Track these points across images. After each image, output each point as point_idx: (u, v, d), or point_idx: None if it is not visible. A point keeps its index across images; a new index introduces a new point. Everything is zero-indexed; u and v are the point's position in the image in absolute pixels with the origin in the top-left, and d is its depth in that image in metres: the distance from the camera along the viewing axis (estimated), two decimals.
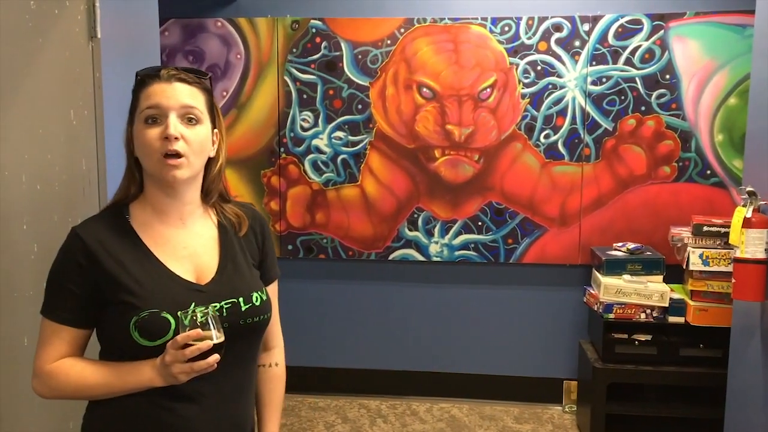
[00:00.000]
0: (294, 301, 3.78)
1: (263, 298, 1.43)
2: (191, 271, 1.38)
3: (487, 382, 3.73)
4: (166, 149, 1.31)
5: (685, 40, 3.35)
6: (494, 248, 3.58)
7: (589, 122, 3.44)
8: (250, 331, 1.41)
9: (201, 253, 1.41)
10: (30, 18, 1.78)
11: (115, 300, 1.30)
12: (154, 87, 1.35)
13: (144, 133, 1.33)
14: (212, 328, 1.25)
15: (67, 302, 1.33)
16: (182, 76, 1.37)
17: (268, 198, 3.66)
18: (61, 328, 1.33)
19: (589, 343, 3.43)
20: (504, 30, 3.42)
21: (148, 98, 1.34)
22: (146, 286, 1.31)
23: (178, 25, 3.58)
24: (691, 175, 3.42)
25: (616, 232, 3.48)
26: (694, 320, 3.08)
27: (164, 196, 1.38)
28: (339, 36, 3.51)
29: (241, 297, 1.38)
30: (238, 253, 1.45)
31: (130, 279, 1.31)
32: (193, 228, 1.42)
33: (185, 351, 1.23)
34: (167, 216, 1.39)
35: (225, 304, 1.36)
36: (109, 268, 1.31)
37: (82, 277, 1.31)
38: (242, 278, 1.42)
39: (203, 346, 1.22)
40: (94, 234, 1.34)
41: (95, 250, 1.31)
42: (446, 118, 3.50)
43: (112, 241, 1.34)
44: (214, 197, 1.46)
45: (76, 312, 1.33)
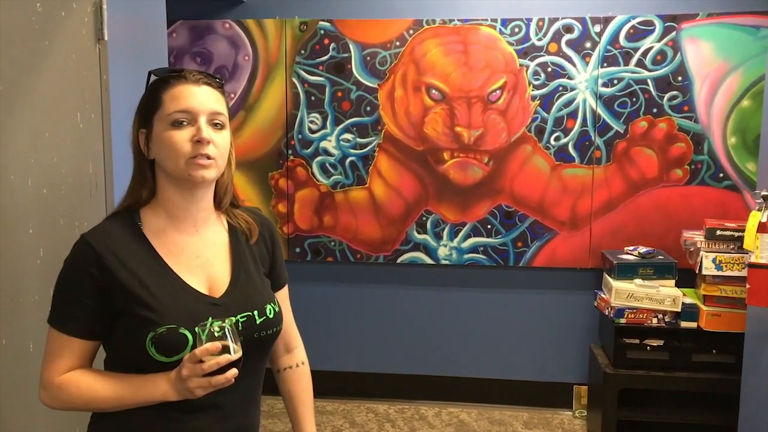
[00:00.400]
0: (301, 304, 3.75)
1: (276, 310, 1.41)
2: (204, 282, 1.35)
3: (496, 386, 3.70)
4: (197, 152, 1.28)
5: (697, 41, 3.31)
6: (504, 251, 3.55)
7: (600, 124, 3.40)
8: (263, 343, 1.39)
9: (213, 262, 1.38)
10: (36, 20, 1.77)
11: (129, 313, 1.26)
12: (181, 89, 1.31)
13: (171, 135, 1.29)
14: (230, 341, 1.21)
15: (78, 313, 1.28)
16: (207, 80, 1.34)
17: (275, 200, 3.64)
18: (71, 340, 1.29)
19: (600, 348, 3.39)
20: (514, 31, 3.39)
21: (176, 100, 1.29)
22: (163, 301, 1.27)
23: (186, 26, 3.56)
24: (703, 178, 3.38)
25: (628, 235, 3.44)
26: (707, 325, 3.04)
27: (181, 200, 1.34)
28: (347, 37, 3.49)
29: (255, 310, 1.36)
30: (250, 262, 1.42)
31: (147, 292, 1.27)
32: (206, 235, 1.39)
33: (203, 365, 1.19)
34: (181, 222, 1.36)
35: (241, 317, 1.33)
36: (123, 280, 1.27)
37: (94, 288, 1.27)
38: (256, 290, 1.40)
39: (222, 360, 1.19)
40: (105, 242, 1.29)
41: (108, 261, 1.27)
42: (455, 120, 3.48)
43: (125, 249, 1.29)
44: (226, 203, 1.44)
45: (88, 324, 1.29)
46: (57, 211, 1.86)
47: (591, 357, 3.42)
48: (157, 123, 1.31)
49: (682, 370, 3.09)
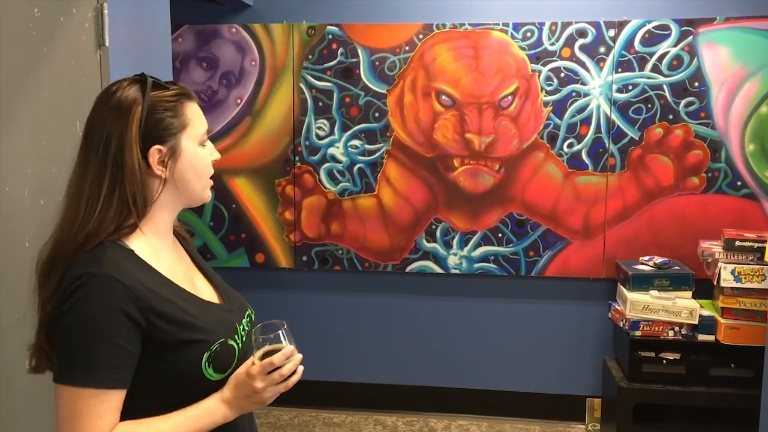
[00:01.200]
0: (308, 313, 3.69)
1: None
2: (204, 294, 1.31)
3: (507, 398, 3.62)
4: (212, 171, 1.31)
5: (714, 46, 3.23)
6: (515, 261, 3.47)
7: (614, 131, 3.32)
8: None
9: (193, 273, 1.35)
10: (34, 26, 1.71)
11: (177, 341, 1.15)
12: (196, 107, 1.28)
13: (202, 156, 1.27)
14: (284, 341, 1.20)
15: (114, 360, 1.11)
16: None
17: (282, 208, 3.57)
18: (110, 394, 1.11)
19: (614, 361, 3.31)
20: (526, 36, 3.32)
21: (201, 119, 1.28)
22: (200, 318, 1.21)
23: (192, 31, 3.51)
24: (720, 186, 3.29)
25: (642, 245, 3.35)
26: (725, 338, 2.95)
27: (169, 220, 1.29)
28: (356, 42, 3.42)
29: (249, 308, 1.37)
30: (207, 265, 1.41)
31: (185, 314, 1.18)
32: (179, 250, 1.36)
33: (282, 371, 1.18)
34: (165, 241, 1.29)
35: (246, 316, 1.34)
36: (161, 309, 1.14)
37: (130, 327, 1.11)
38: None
39: (298, 360, 1.20)
40: (126, 273, 1.13)
41: (140, 293, 1.13)
42: (466, 126, 3.40)
43: (145, 278, 1.16)
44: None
45: (126, 370, 1.13)
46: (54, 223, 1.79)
47: (605, 370, 3.34)
48: (186, 141, 1.23)
49: (700, 385, 3.01)
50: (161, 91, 1.22)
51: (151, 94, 1.20)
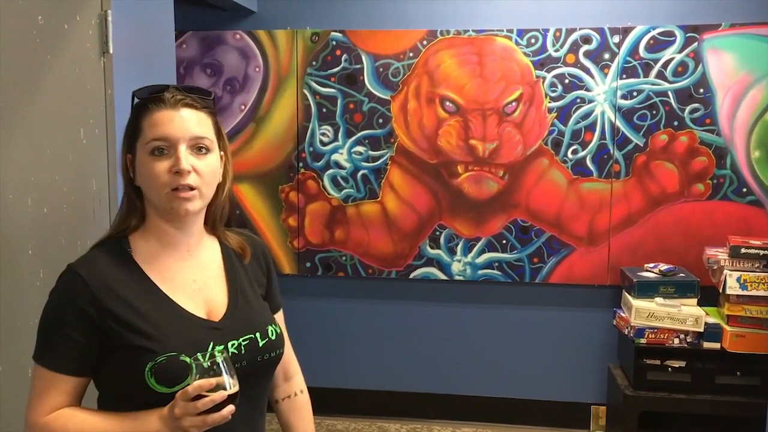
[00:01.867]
0: (312, 320, 3.68)
1: (277, 332, 1.35)
2: (202, 307, 1.29)
3: (511, 405, 3.60)
4: (177, 183, 1.22)
5: (719, 52, 3.21)
6: (519, 267, 3.46)
7: (618, 137, 3.31)
8: (267, 367, 1.33)
9: (211, 285, 1.32)
10: (38, 34, 1.71)
11: (124, 345, 1.19)
12: (160, 114, 1.23)
13: (151, 166, 1.22)
14: (225, 375, 1.13)
15: (66, 350, 1.20)
16: (188, 101, 1.26)
17: (286, 214, 3.57)
18: (58, 377, 1.21)
19: (619, 368, 3.29)
20: (530, 42, 3.31)
21: (154, 127, 1.23)
22: (161, 328, 1.21)
23: (196, 37, 3.51)
24: (726, 192, 3.27)
25: (647, 252, 3.34)
26: (731, 346, 2.93)
27: (171, 229, 1.29)
28: (360, 48, 3.42)
29: (257, 332, 1.30)
30: (246, 284, 1.37)
31: (142, 320, 1.20)
32: (200, 258, 1.33)
33: (197, 403, 1.11)
34: (174, 248, 1.30)
35: (243, 340, 1.28)
36: (116, 310, 1.20)
37: (84, 322, 1.19)
38: (254, 311, 1.34)
39: (217, 397, 1.11)
40: (95, 271, 1.22)
41: (100, 293, 1.20)
42: (470, 132, 3.39)
43: (117, 279, 1.23)
44: (221, 225, 1.38)
45: (77, 360, 1.21)
46: (58, 230, 1.80)
47: (610, 377, 3.32)
48: (139, 150, 1.25)
49: (705, 393, 2.99)
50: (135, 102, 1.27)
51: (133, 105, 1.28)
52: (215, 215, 1.35)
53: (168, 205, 1.23)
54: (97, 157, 1.94)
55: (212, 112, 1.31)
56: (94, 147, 1.93)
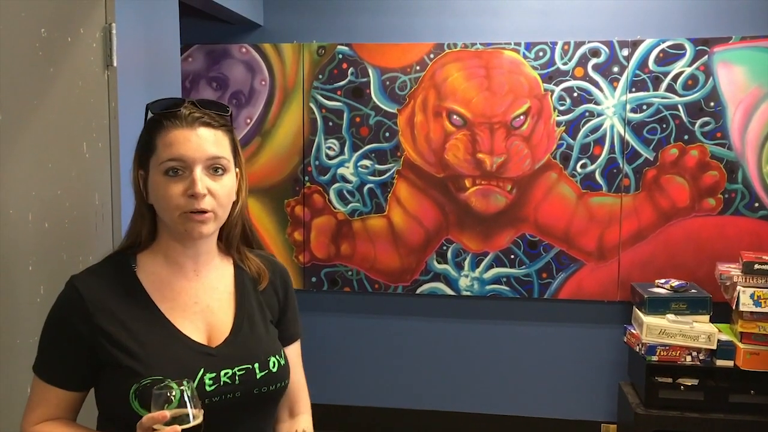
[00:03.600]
0: (317, 335, 3.64)
1: (281, 363, 1.28)
2: (202, 330, 1.24)
3: (519, 424, 3.54)
4: (191, 207, 1.17)
5: (730, 65, 3.18)
6: (528, 283, 3.41)
7: (628, 151, 3.27)
8: (264, 401, 1.26)
9: (215, 309, 1.27)
10: (41, 46, 1.68)
11: (113, 364, 1.17)
12: (176, 134, 1.19)
13: (165, 187, 1.18)
14: (189, 407, 1.07)
15: (57, 361, 1.21)
16: (206, 119, 1.21)
17: (291, 228, 3.53)
18: (49, 389, 1.21)
19: (630, 386, 3.23)
20: (538, 55, 3.28)
21: (169, 147, 1.18)
22: (150, 350, 1.17)
23: (202, 51, 3.49)
24: (737, 207, 3.23)
25: (658, 267, 3.29)
26: (745, 364, 2.88)
27: (180, 247, 1.25)
28: (366, 62, 3.40)
29: (256, 362, 1.24)
30: (256, 310, 1.31)
31: (133, 341, 1.17)
32: (208, 279, 1.28)
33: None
34: (180, 267, 1.26)
35: (238, 370, 1.21)
36: (108, 329, 1.17)
37: (75, 336, 1.18)
38: (258, 340, 1.28)
39: (168, 431, 1.04)
40: (93, 288, 1.21)
41: (92, 308, 1.18)
42: (477, 146, 3.36)
43: (114, 296, 1.20)
44: (235, 244, 1.33)
45: (67, 373, 1.21)
46: (60, 245, 1.76)
47: (620, 395, 3.26)
48: (152, 168, 1.21)
49: (719, 412, 2.93)
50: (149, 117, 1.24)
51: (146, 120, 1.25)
52: (229, 234, 1.31)
53: (181, 227, 1.20)
54: (100, 172, 1.91)
55: (229, 130, 1.27)
56: (98, 161, 1.90)
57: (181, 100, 1.23)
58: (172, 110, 1.21)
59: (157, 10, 2.33)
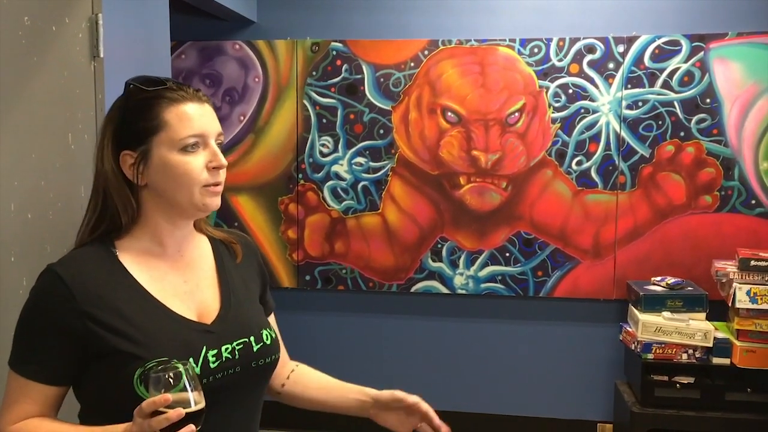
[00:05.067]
0: (311, 334, 3.61)
1: (272, 336, 1.29)
2: (193, 309, 1.22)
3: (515, 423, 3.51)
4: (215, 180, 1.18)
5: (726, 61, 3.16)
6: (523, 281, 3.38)
7: (624, 148, 3.25)
8: (261, 373, 1.26)
9: (203, 286, 1.25)
10: (23, 35, 1.66)
11: (110, 351, 1.12)
12: (190, 107, 1.17)
13: (185, 164, 1.15)
14: (189, 390, 1.03)
15: (40, 356, 1.14)
16: (201, 94, 1.22)
17: (285, 226, 3.51)
18: (30, 385, 1.14)
19: (626, 385, 3.20)
20: (533, 52, 3.26)
21: (188, 122, 1.15)
22: (150, 333, 1.13)
23: (195, 48, 3.47)
24: (734, 204, 3.20)
25: (654, 265, 3.26)
26: (741, 362, 2.85)
27: (169, 226, 1.22)
28: (360, 58, 3.38)
29: (251, 336, 1.24)
30: (239, 285, 1.30)
31: (129, 325, 1.13)
32: (191, 258, 1.26)
33: (151, 421, 1.01)
34: (165, 248, 1.23)
35: (237, 344, 1.21)
36: (100, 316, 1.12)
37: (61, 327, 1.12)
38: (248, 314, 1.28)
39: (172, 415, 1.00)
40: (78, 274, 1.14)
41: (79, 295, 1.12)
42: (472, 143, 3.34)
43: (101, 281, 1.15)
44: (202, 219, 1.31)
45: (51, 368, 1.14)
46: (43, 237, 1.74)
47: (616, 394, 3.23)
48: (158, 146, 1.16)
49: (715, 410, 2.90)
50: (143, 93, 1.18)
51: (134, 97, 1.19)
52: None
53: (200, 201, 1.18)
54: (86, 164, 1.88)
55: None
56: (83, 153, 1.87)
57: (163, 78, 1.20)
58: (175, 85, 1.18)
59: (146, 2, 2.31)
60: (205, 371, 1.14)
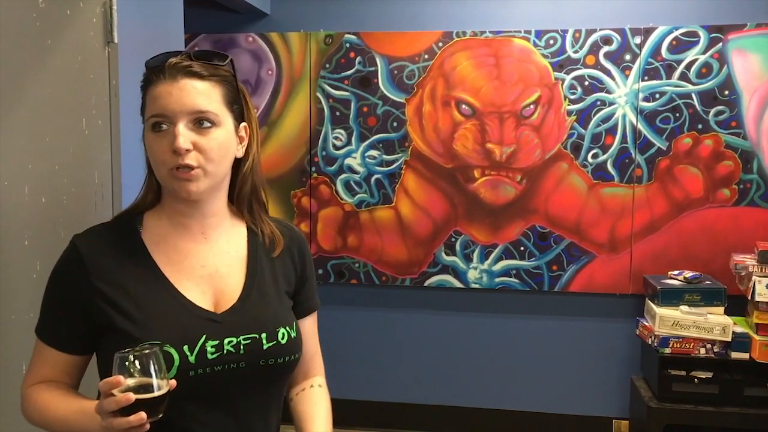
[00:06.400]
0: (323, 328, 3.56)
1: (291, 336, 1.22)
2: (209, 296, 1.18)
3: (529, 419, 3.47)
4: (176, 163, 1.12)
5: (745, 53, 3.11)
6: (538, 275, 3.35)
7: (640, 141, 3.21)
8: (271, 374, 1.20)
9: (224, 273, 1.21)
10: (38, 17, 1.65)
11: (111, 327, 1.12)
12: (159, 87, 1.14)
13: (151, 143, 1.15)
14: (154, 375, 1.00)
15: (56, 323, 1.18)
16: (194, 69, 1.14)
17: (298, 219, 3.49)
18: (47, 350, 1.19)
19: (643, 380, 3.16)
20: (549, 43, 3.23)
21: (154, 101, 1.14)
22: (148, 313, 1.12)
23: (208, 40, 3.47)
24: (753, 198, 3.16)
25: (671, 259, 3.22)
26: (760, 357, 2.81)
27: (183, 208, 1.20)
28: (374, 51, 3.36)
29: (264, 332, 1.18)
30: (268, 277, 1.25)
31: (131, 304, 1.12)
32: (217, 243, 1.23)
33: (103, 402, 0.99)
34: (187, 229, 1.21)
35: (243, 339, 1.16)
36: (107, 291, 1.13)
37: (72, 296, 1.15)
38: (268, 309, 1.22)
39: (121, 398, 0.96)
40: (93, 246, 1.17)
41: (91, 267, 1.14)
42: (486, 136, 3.31)
43: (115, 256, 1.16)
44: (245, 204, 1.26)
45: (64, 334, 1.17)
46: (57, 222, 1.73)
47: (633, 389, 3.19)
48: (145, 126, 1.18)
49: (733, 405, 2.86)
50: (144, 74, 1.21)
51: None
52: (238, 193, 1.25)
53: (170, 186, 1.16)
54: (100, 149, 1.87)
55: (223, 80, 1.18)
56: (97, 138, 1.86)
57: (177, 52, 1.18)
58: (161, 63, 1.16)
59: None
60: (201, 361, 1.11)
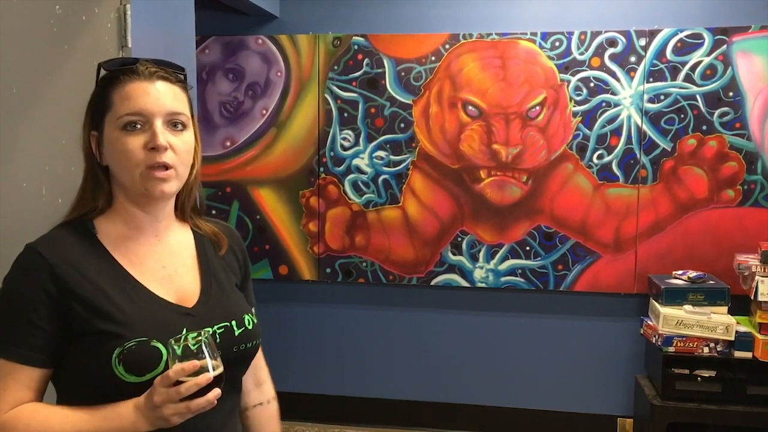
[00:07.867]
0: (331, 326, 3.64)
1: (254, 321, 1.28)
2: (172, 294, 1.21)
3: (534, 417, 3.51)
4: (153, 161, 1.13)
5: (749, 55, 3.14)
6: (543, 275, 3.39)
7: (645, 142, 3.24)
8: (242, 358, 1.25)
9: (182, 273, 1.24)
10: (55, 23, 1.71)
11: (89, 330, 1.10)
12: (134, 86, 1.15)
13: (123, 142, 1.14)
14: (208, 357, 1.04)
15: (28, 337, 1.10)
16: (163, 74, 1.18)
17: (306, 219, 3.54)
18: (19, 369, 1.10)
19: (647, 378, 3.19)
20: (554, 45, 3.26)
21: (127, 100, 1.14)
22: (130, 312, 1.12)
23: (218, 42, 3.52)
24: (757, 199, 3.18)
25: (676, 259, 3.25)
26: (763, 356, 2.83)
27: (139, 212, 1.21)
28: (381, 52, 3.40)
29: (233, 320, 1.23)
30: (220, 272, 1.29)
31: (110, 304, 1.12)
32: (169, 245, 1.26)
33: (179, 388, 1.01)
34: (141, 232, 1.22)
35: (218, 328, 1.20)
36: (81, 293, 1.11)
37: (49, 307, 1.10)
38: (230, 299, 1.27)
39: (202, 380, 1.02)
40: (58, 252, 1.13)
41: (63, 272, 1.11)
42: (493, 137, 3.35)
43: (82, 259, 1.14)
44: (188, 209, 1.30)
45: (40, 349, 1.11)
46: None
47: (637, 388, 3.22)
48: (107, 126, 1.16)
49: (736, 404, 2.89)
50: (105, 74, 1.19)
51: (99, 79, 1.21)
52: (184, 200, 1.28)
53: (142, 186, 1.15)
54: None
55: (186, 88, 1.23)
56: None
57: (136, 59, 1.20)
58: (129, 65, 1.18)
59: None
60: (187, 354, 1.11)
